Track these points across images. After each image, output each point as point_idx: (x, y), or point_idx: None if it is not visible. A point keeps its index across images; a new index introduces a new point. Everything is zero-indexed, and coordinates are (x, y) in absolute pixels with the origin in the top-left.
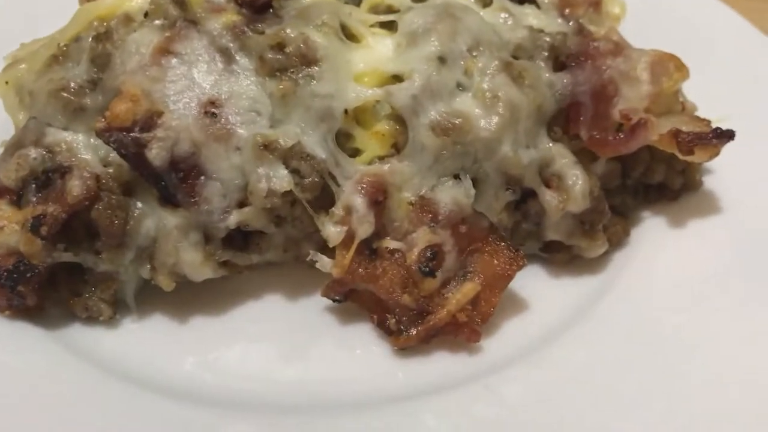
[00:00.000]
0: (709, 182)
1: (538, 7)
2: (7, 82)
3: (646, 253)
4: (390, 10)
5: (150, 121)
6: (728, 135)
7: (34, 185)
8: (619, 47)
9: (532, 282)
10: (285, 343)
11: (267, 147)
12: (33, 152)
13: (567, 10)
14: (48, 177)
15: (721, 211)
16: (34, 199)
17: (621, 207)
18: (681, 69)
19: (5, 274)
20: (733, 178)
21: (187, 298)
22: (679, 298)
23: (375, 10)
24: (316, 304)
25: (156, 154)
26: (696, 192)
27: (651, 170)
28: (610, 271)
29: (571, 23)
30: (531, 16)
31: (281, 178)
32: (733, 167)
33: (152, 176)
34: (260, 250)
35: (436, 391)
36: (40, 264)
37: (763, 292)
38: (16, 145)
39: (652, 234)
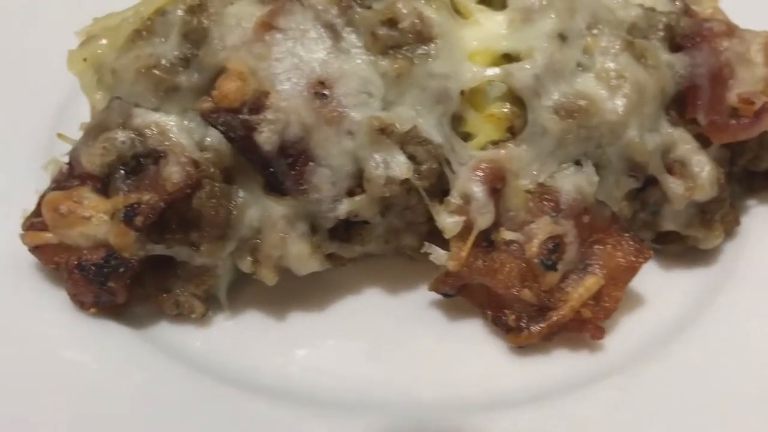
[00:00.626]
0: None
1: None
2: (85, 59)
3: (758, 243)
4: None
5: (258, 101)
6: None
7: (122, 171)
8: (731, 28)
9: (645, 275)
10: (388, 341)
11: (383, 131)
12: (120, 135)
13: None
14: (139, 162)
15: None
16: (125, 186)
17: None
18: None
19: (93, 268)
20: None
21: (280, 293)
22: None
23: None
24: (420, 298)
25: (266, 138)
26: None
27: (758, 158)
28: (723, 263)
29: (677, 2)
30: None
31: (400, 165)
32: None
33: (260, 162)
34: (362, 241)
35: (563, 392)
36: (132, 257)
37: None
38: (99, 128)
39: (762, 223)
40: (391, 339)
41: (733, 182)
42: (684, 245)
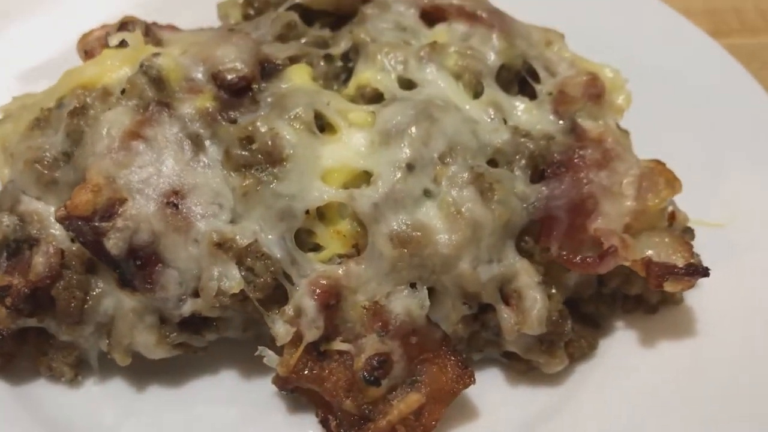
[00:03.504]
0: (692, 299)
1: (533, 97)
2: None
3: (611, 368)
4: (376, 93)
5: (111, 209)
6: (702, 272)
7: (5, 252)
8: (607, 157)
9: (488, 389)
10: (233, 424)
11: (221, 246)
12: (6, 219)
13: (561, 108)
14: (18, 246)
15: (696, 334)
16: (3, 267)
17: (594, 315)
18: (672, 185)
19: None
20: (715, 299)
21: (149, 364)
22: (637, 422)
23: (361, 91)
24: (271, 386)
25: (113, 243)
26: (677, 306)
27: (628, 282)
28: (569, 384)
29: (562, 122)
30: (522, 111)
31: (232, 279)
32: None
33: (110, 262)
34: (218, 330)
35: None
36: (5, 329)
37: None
38: None
39: (621, 348)
40: (241, 422)
41: (601, 303)
42: (529, 365)
